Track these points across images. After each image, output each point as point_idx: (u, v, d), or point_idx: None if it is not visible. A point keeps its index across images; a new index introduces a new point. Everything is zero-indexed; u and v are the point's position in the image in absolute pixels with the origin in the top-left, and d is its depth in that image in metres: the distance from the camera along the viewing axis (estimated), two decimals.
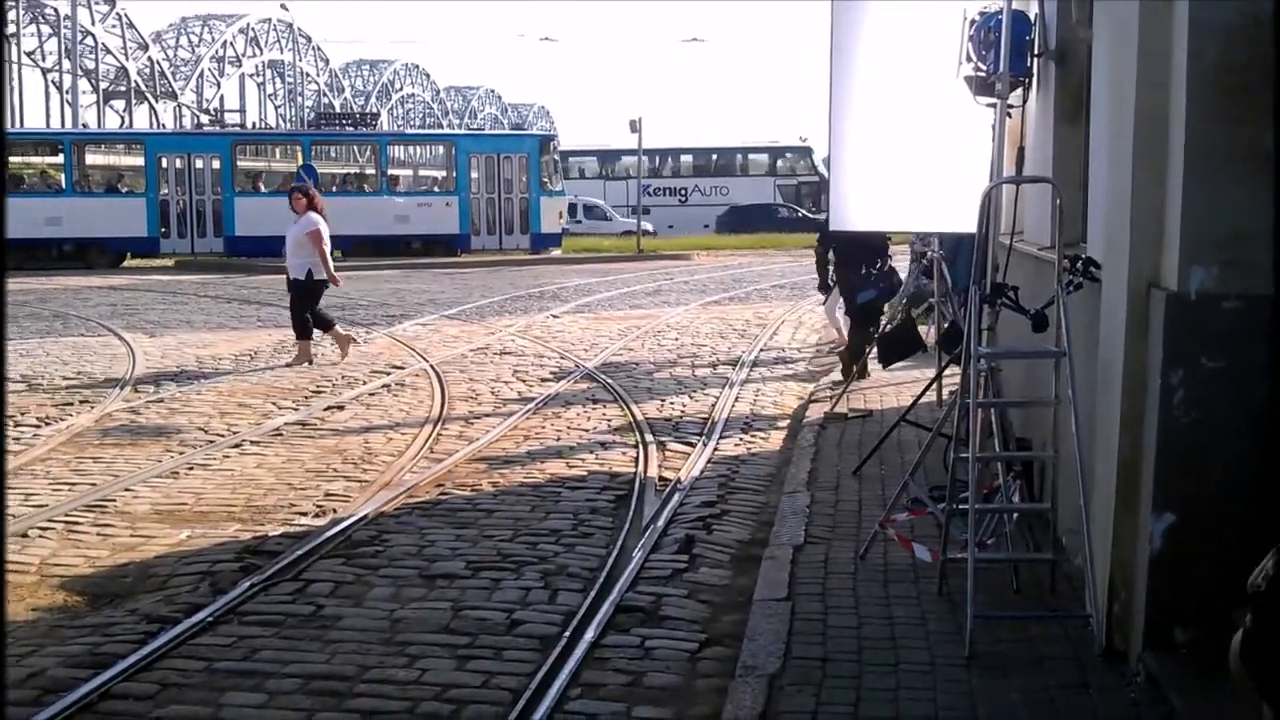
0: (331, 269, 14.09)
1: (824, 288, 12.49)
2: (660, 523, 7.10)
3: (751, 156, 58.03)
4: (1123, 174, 4.87)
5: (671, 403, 11.21)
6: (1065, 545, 5.90)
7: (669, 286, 24.81)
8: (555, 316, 18.84)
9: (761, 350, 14.71)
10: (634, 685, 4.93)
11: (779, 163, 57.02)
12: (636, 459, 8.85)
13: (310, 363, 13.60)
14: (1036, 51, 6.64)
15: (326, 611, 5.76)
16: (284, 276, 14.32)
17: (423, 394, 11.80)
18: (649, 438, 9.49)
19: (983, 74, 6.55)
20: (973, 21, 6.54)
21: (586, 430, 10.01)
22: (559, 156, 38.40)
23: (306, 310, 13.87)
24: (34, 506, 7.65)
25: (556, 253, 35.28)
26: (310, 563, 6.46)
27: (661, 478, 8.29)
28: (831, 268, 11.76)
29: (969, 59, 6.57)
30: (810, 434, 9.38)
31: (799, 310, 19.13)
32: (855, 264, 11.11)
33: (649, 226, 48.80)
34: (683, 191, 56.23)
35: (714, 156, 58.34)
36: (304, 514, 7.52)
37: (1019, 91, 6.76)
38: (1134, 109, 4.77)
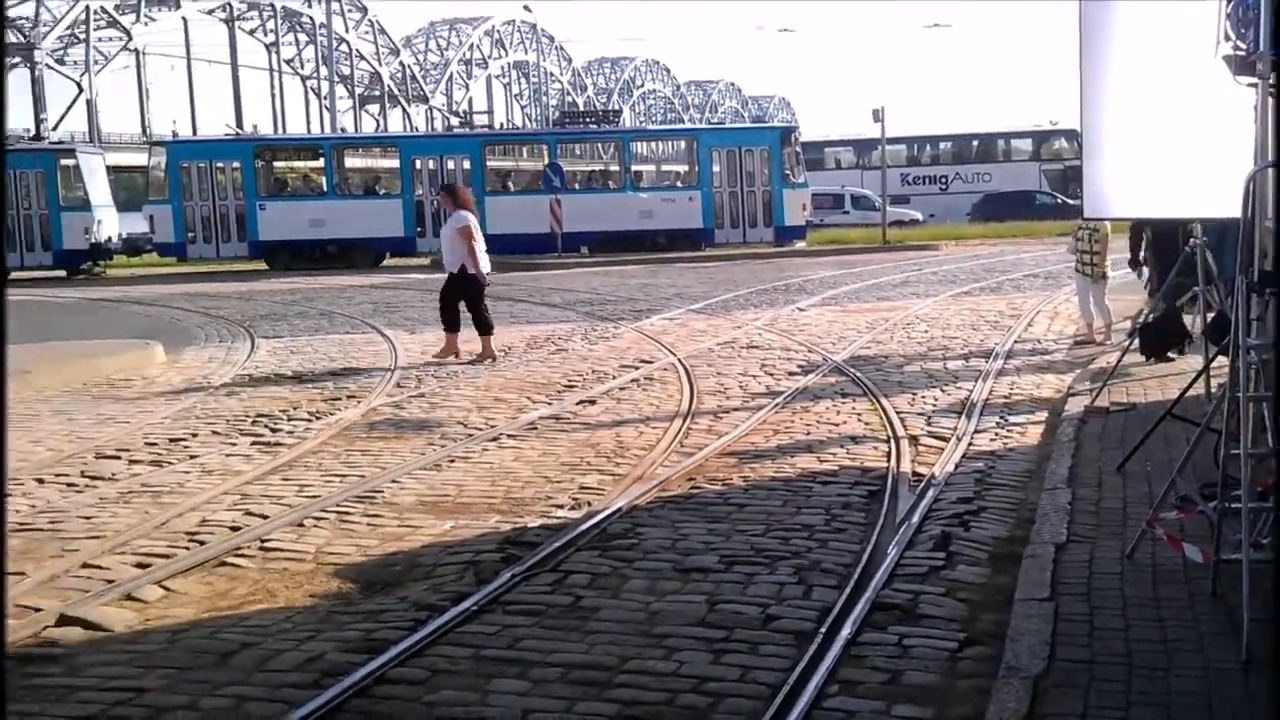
0: (480, 265, 14.29)
1: (1134, 264, 12.97)
2: (915, 519, 7.00)
3: (1014, 142, 56.57)
4: None
5: (923, 396, 11.04)
6: None
7: (917, 278, 24.43)
8: (801, 310, 18.77)
9: (1016, 342, 14.35)
10: (892, 684, 4.88)
11: (1043, 147, 55.45)
12: (889, 454, 8.75)
13: (494, 359, 13.93)
14: None
15: (585, 602, 5.87)
16: (524, 274, 14.65)
17: (671, 388, 11.92)
18: (901, 432, 9.37)
19: (1242, 53, 6.23)
20: None
21: (836, 424, 9.94)
22: (801, 148, 38.16)
23: (479, 306, 14.30)
24: (308, 497, 8.02)
25: (801, 245, 35.12)
26: (568, 554, 6.59)
27: (915, 473, 8.18)
28: (1144, 252, 11.97)
29: (1227, 37, 6.26)
30: (1070, 428, 9.11)
31: (1054, 300, 18.58)
32: (1169, 249, 11.00)
33: (918, 215, 48.13)
34: (943, 179, 55.27)
35: (974, 142, 57.12)
36: (560, 506, 7.68)
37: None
38: None
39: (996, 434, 9.42)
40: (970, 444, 9.03)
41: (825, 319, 17.34)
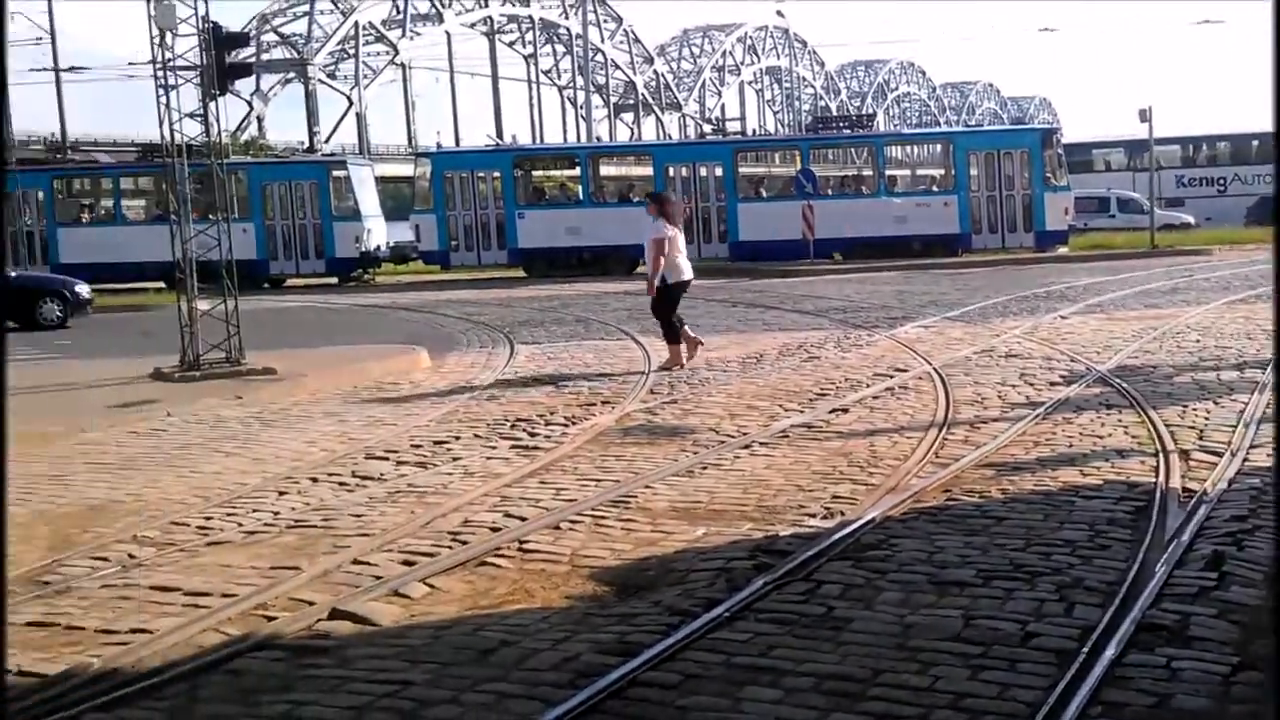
0: (656, 278, 14.48)
1: None
2: (1185, 537, 6.70)
3: None
4: None
5: (1194, 409, 10.55)
6: None
7: (1188, 284, 23.42)
8: (1064, 317, 18.22)
9: None
10: (1159, 707, 4.69)
11: None
12: (1156, 468, 8.40)
13: (681, 366, 13.92)
14: None
15: (837, 613, 5.82)
16: (776, 281, 14.65)
17: (926, 397, 11.73)
18: (1170, 446, 8.99)
19: None
20: None
21: (1100, 437, 9.61)
22: (1064, 150, 37.04)
23: (667, 314, 14.32)
24: (564, 500, 8.19)
25: (1063, 250, 34.08)
26: (820, 564, 6.54)
27: (1185, 489, 7.83)
28: None
29: None
30: None
31: None
32: None
33: (1189, 218, 46.18)
34: (1220, 181, 52.82)
35: (1254, 142, 54.45)
36: (812, 515, 7.63)
37: None
38: None
39: (1275, 449, 8.94)
40: (1246, 459, 8.59)
41: (1089, 327, 16.78)
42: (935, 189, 38.07)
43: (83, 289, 24.31)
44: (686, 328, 14.74)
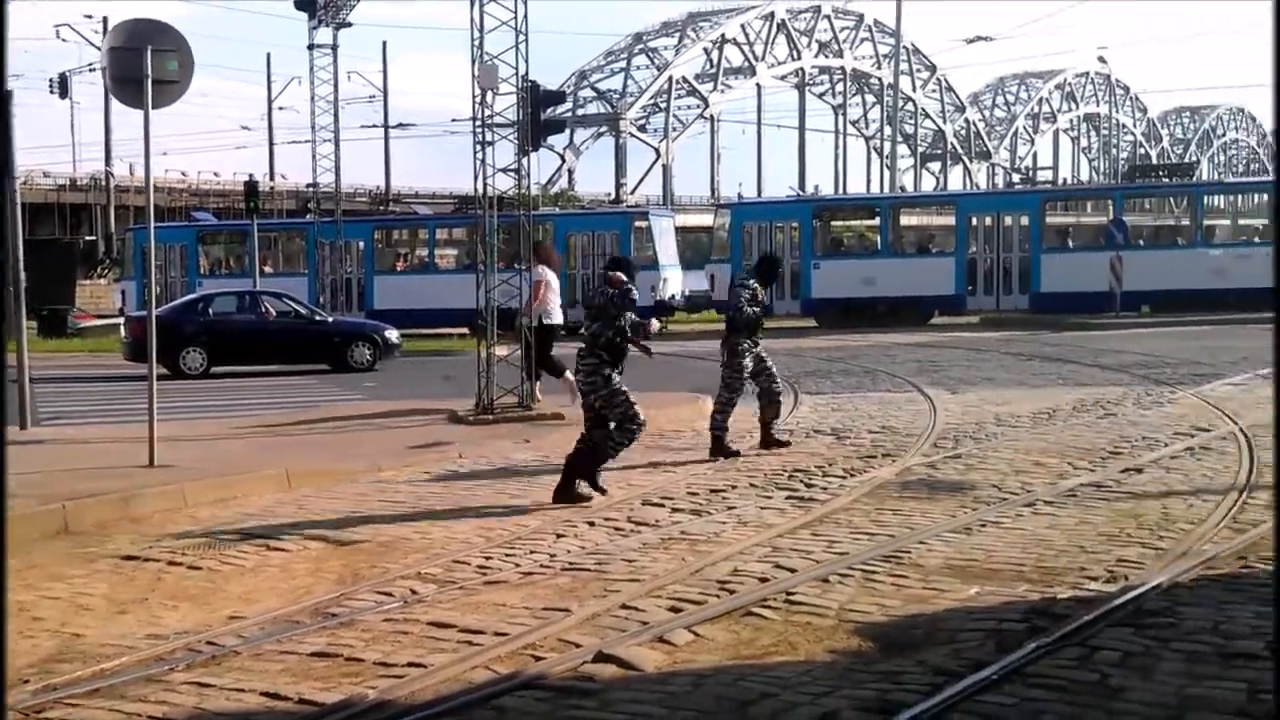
0: (534, 315, 15.46)
1: None
2: None
3: None
4: None
5: None
6: None
7: None
8: None
9: None
10: None
11: None
12: None
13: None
14: None
15: (1112, 681, 5.57)
16: (1078, 333, 14.13)
17: (1229, 459, 11.12)
18: None
19: None
20: None
21: None
22: None
23: (545, 353, 15.69)
24: (836, 554, 8.12)
25: None
26: (1098, 629, 6.28)
27: None
28: None
29: None
30: None
31: None
32: None
33: None
34: None
35: None
36: (1094, 578, 7.34)
37: None
38: None
39: None
40: None
41: None
42: (1257, 239, 36.13)
43: (392, 334, 25.57)
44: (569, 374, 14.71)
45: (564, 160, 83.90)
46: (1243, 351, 21.58)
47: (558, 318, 16.12)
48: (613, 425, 10.42)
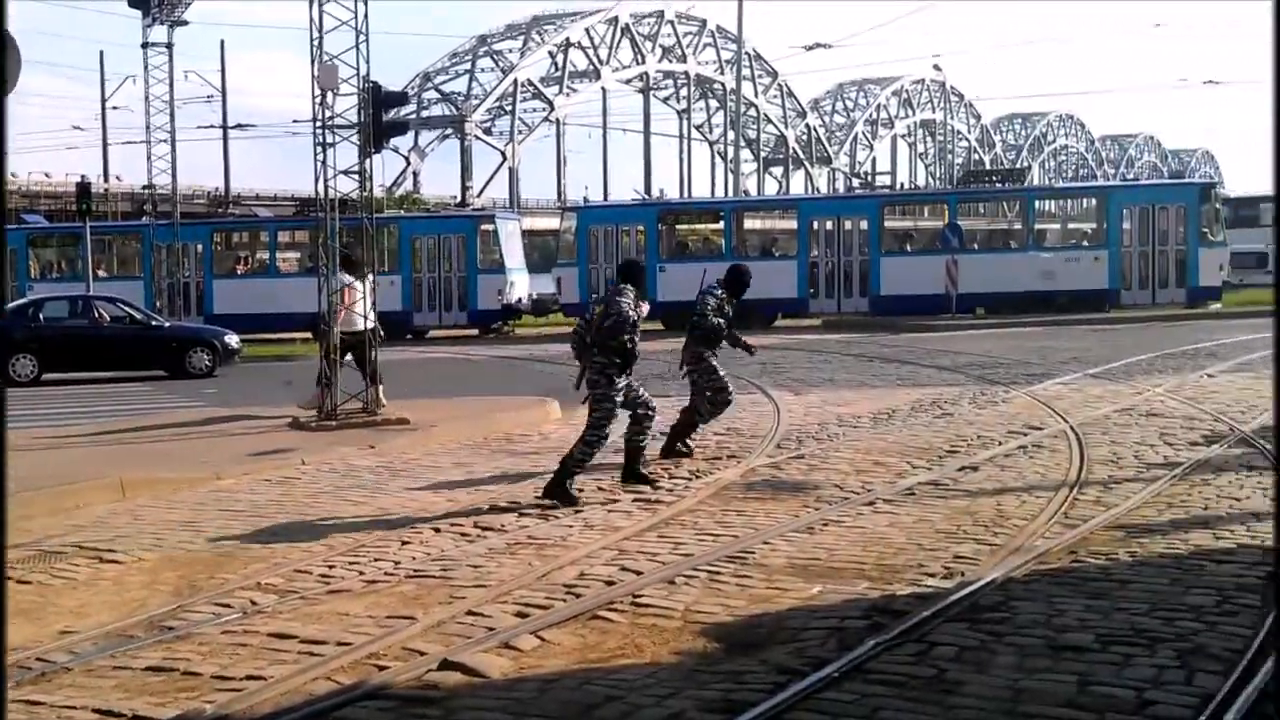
0: (338, 323, 15.62)
1: None
2: None
3: None
4: None
5: None
6: None
7: None
8: (1210, 375, 17.69)
9: None
10: None
11: None
12: None
13: (318, 412, 15.11)
14: None
15: (949, 676, 5.70)
16: (915, 335, 14.44)
17: (1060, 456, 11.47)
18: None
19: None
20: None
21: (1238, 499, 9.29)
22: (1229, 204, 36.14)
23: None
24: (682, 555, 8.17)
25: (1215, 307, 33.17)
26: (936, 625, 6.43)
27: None
28: None
29: None
30: None
31: None
32: None
33: None
34: None
35: None
36: (932, 575, 7.51)
37: None
38: None
39: None
40: None
41: (1236, 386, 16.25)
42: (1085, 244, 37.37)
43: (232, 339, 25.04)
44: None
45: (409, 162, 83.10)
46: (1072, 352, 22.28)
47: (359, 325, 15.79)
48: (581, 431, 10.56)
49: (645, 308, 10.74)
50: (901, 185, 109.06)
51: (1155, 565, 7.53)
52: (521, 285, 37.22)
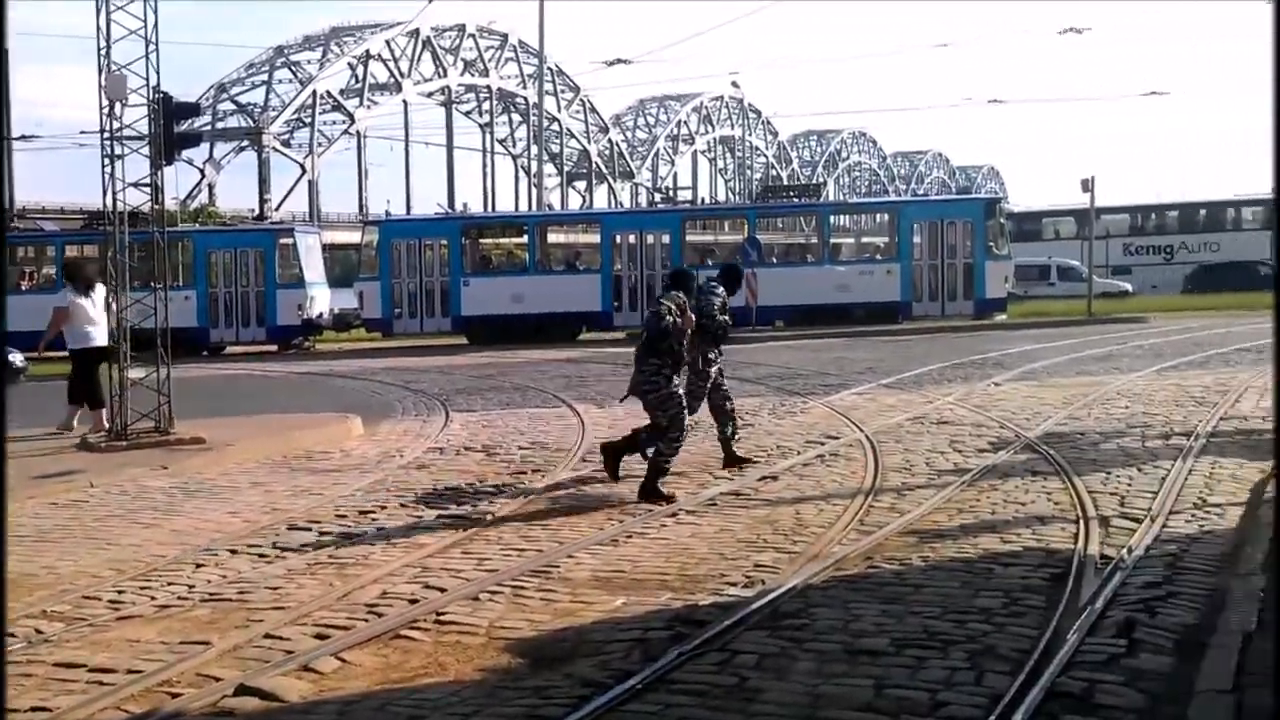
0: (45, 341, 16.12)
1: None
2: (1099, 604, 6.73)
3: (1244, 210, 54.49)
4: None
5: (1118, 475, 10.64)
6: None
7: (1120, 351, 23.69)
8: (996, 384, 18.35)
9: (1221, 419, 13.76)
10: None
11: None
12: (1076, 535, 8.46)
13: (103, 429, 15.07)
14: None
15: (750, 683, 5.79)
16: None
17: (856, 464, 11.76)
18: (1091, 512, 9.05)
19: None
20: None
21: (1023, 504, 9.65)
22: (1012, 219, 37.56)
23: (83, 380, 15.67)
24: (486, 571, 8.13)
25: (1001, 318, 34.45)
26: (737, 633, 6.53)
27: (1103, 555, 7.88)
28: None
29: None
30: (1270, 512, 8.67)
31: (1266, 374, 17.77)
32: None
33: (1128, 286, 46.93)
34: (1167, 249, 53.75)
35: (1201, 211, 55.41)
36: (734, 584, 7.61)
37: None
38: None
39: (1193, 516, 9.02)
40: (1165, 526, 8.67)
41: (1021, 394, 16.90)
42: (878, 257, 38.43)
43: (16, 357, 23.98)
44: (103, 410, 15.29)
45: (204, 175, 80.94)
46: (867, 362, 22.86)
47: (99, 340, 15.45)
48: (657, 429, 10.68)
49: (692, 317, 10.77)
50: (702, 200, 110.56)
51: (946, 569, 7.77)
52: (322, 300, 36.57)
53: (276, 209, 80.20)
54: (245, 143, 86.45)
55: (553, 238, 43.42)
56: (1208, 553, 7.92)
